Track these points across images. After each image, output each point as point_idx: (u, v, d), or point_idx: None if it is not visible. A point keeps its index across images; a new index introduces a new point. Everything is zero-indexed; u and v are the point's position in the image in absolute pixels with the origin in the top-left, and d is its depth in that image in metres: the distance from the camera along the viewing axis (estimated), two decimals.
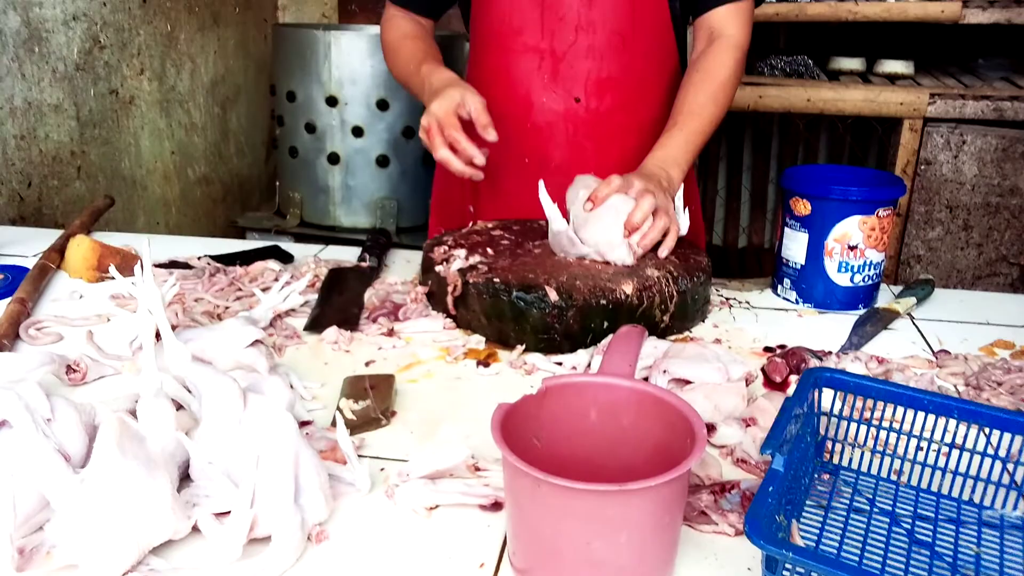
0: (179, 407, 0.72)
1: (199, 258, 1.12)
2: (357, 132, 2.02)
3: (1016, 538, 0.61)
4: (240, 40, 2.35)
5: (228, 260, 1.13)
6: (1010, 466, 0.63)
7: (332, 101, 2.00)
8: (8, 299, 0.97)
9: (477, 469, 0.68)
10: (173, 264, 1.11)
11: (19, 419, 0.60)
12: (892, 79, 2.21)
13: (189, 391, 0.71)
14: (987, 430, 0.64)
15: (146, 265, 0.71)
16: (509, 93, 1.19)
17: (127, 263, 1.08)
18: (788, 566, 0.50)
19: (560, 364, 0.88)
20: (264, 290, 1.00)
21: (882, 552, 0.59)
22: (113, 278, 0.88)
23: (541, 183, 1.00)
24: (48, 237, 1.21)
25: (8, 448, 0.60)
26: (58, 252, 1.11)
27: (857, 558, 0.58)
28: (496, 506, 0.63)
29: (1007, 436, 0.63)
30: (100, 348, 0.84)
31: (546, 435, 0.59)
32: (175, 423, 0.63)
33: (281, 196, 2.24)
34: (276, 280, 1.02)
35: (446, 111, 1.06)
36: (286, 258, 1.16)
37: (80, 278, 1.08)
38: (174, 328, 0.83)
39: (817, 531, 0.60)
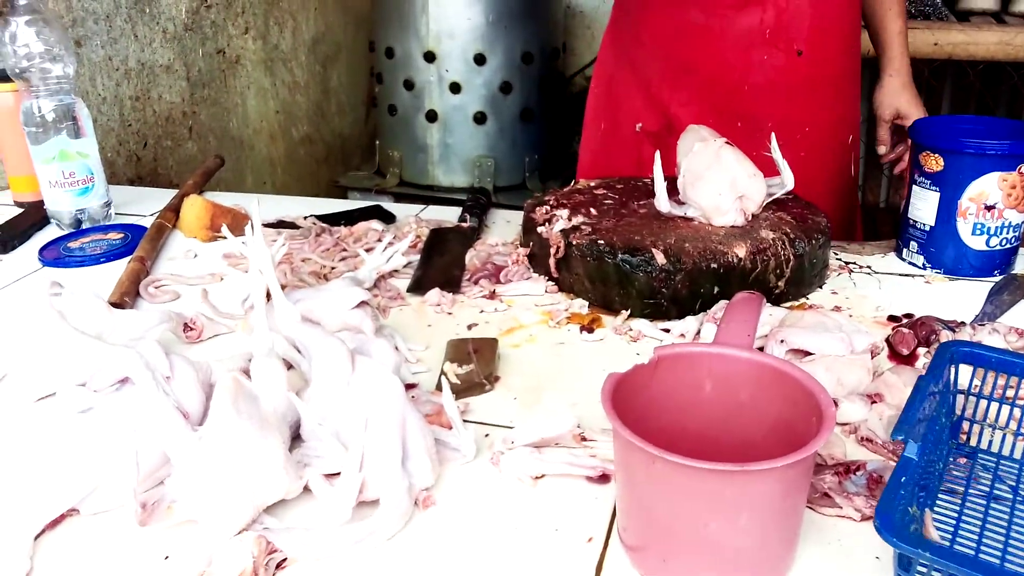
0: (289, 367, 0.73)
1: (305, 218, 1.14)
2: (455, 88, 2.01)
3: None
4: None
5: (333, 220, 1.14)
6: None
7: (430, 56, 1.99)
8: (128, 258, 1.00)
9: (583, 439, 0.66)
10: (281, 224, 1.13)
11: (141, 377, 0.61)
12: None
13: (299, 351, 0.72)
14: None
15: (256, 225, 0.72)
16: (723, 53, 1.14)
17: (238, 223, 1.10)
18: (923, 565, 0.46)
19: (667, 331, 0.85)
20: (368, 250, 1.00)
21: None
22: (225, 237, 0.90)
23: (656, 154, 0.96)
24: (163, 197, 1.25)
25: (131, 405, 0.62)
26: (173, 212, 1.15)
27: (1000, 553, 0.53)
28: (604, 478, 0.62)
29: None
30: (214, 307, 0.86)
31: (658, 407, 0.57)
32: (286, 383, 0.64)
33: (381, 155, 2.26)
34: (379, 241, 1.03)
35: None
36: (388, 218, 1.16)
37: (194, 237, 1.11)
38: (283, 288, 0.85)
39: (953, 522, 0.56)
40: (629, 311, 0.88)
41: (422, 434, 0.61)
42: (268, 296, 0.75)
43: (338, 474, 0.59)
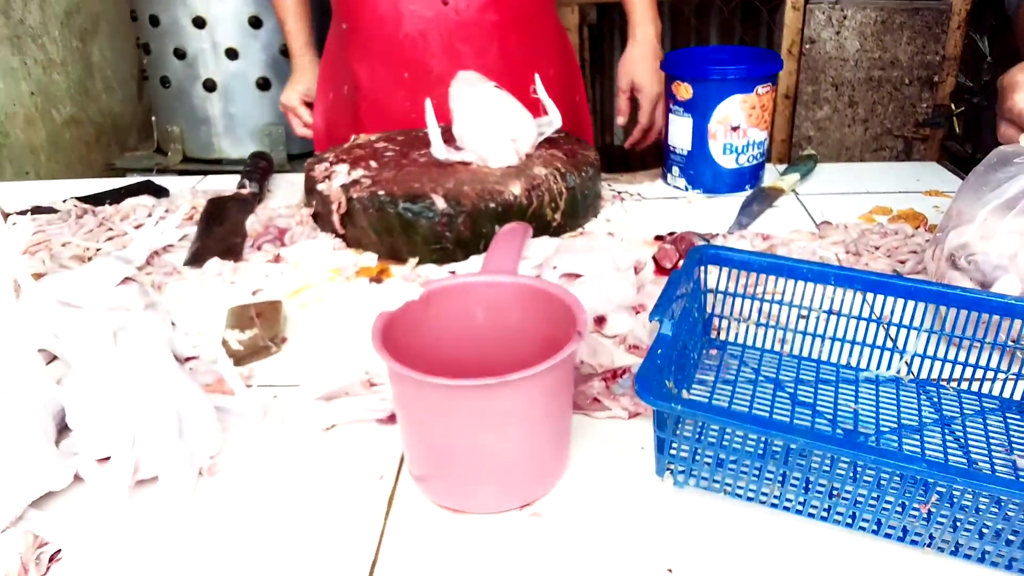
0: (53, 358, 0.68)
1: (64, 201, 1.05)
2: (231, 54, 1.91)
3: (890, 393, 0.64)
4: None
5: (98, 201, 1.06)
6: (884, 326, 0.66)
7: (200, 22, 1.88)
8: None
9: (372, 385, 0.67)
10: (35, 210, 1.03)
11: None
12: None
13: (59, 338, 0.67)
14: (864, 294, 0.67)
15: None
16: (376, 7, 1.14)
17: None
18: (675, 437, 0.51)
19: (454, 273, 0.86)
20: (137, 227, 0.95)
21: (767, 412, 0.62)
22: None
23: (428, 102, 0.96)
24: None
25: None
26: None
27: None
28: (392, 419, 0.63)
29: (880, 298, 0.66)
30: None
31: (434, 340, 0.59)
32: (44, 372, 0.60)
33: (159, 132, 2.12)
34: (150, 216, 0.97)
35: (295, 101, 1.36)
36: (161, 193, 1.10)
37: None
38: (40, 276, 0.78)
39: (706, 399, 0.62)
40: (417, 258, 0.89)
41: (199, 403, 0.59)
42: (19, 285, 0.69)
43: (110, 458, 0.56)
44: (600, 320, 0.72)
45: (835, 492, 0.51)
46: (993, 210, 0.70)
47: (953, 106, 2.14)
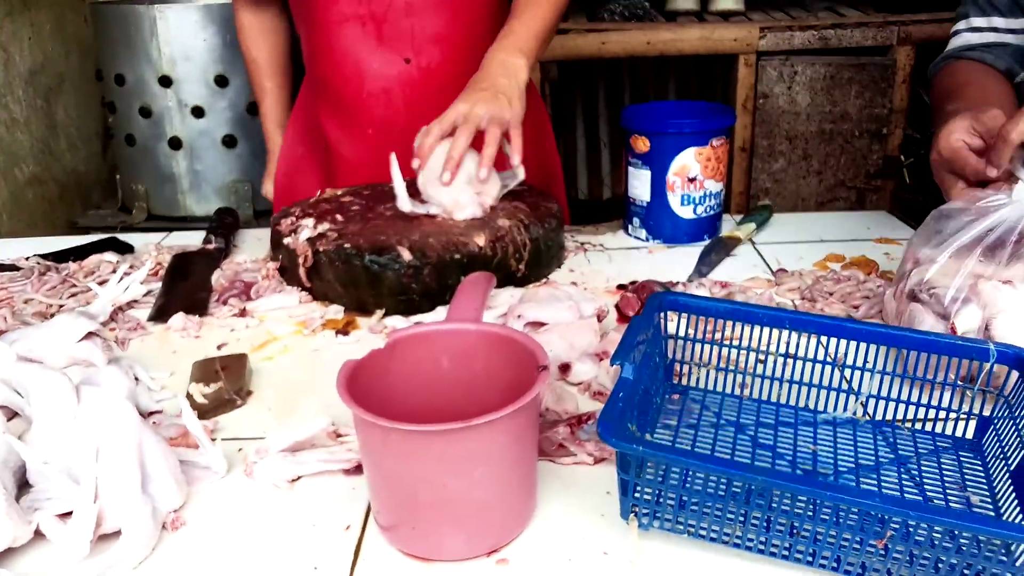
0: (14, 415, 0.67)
1: (27, 259, 1.05)
2: (197, 112, 1.93)
3: (847, 434, 0.66)
4: (56, 23, 2.18)
5: (61, 258, 1.06)
6: (839, 368, 0.68)
7: (166, 81, 1.90)
8: None
9: (339, 435, 0.67)
10: None
11: None
12: (725, 16, 2.29)
13: (20, 394, 0.66)
14: (819, 337, 0.69)
15: None
16: (340, 65, 1.16)
17: None
18: (639, 479, 0.52)
19: (420, 324, 0.87)
20: (102, 283, 0.94)
21: (729, 454, 0.63)
22: None
23: (393, 157, 0.98)
24: None
25: None
26: None
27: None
28: (359, 469, 0.63)
29: (835, 341, 0.68)
30: None
31: (400, 389, 0.59)
32: (3, 427, 0.59)
33: (124, 189, 2.11)
34: (114, 272, 0.97)
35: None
36: (125, 249, 1.10)
37: None
38: (1, 332, 0.78)
39: (670, 442, 0.63)
40: (383, 310, 0.90)
41: (163, 456, 0.59)
42: None
43: (72, 513, 0.56)
44: (565, 367, 0.74)
45: (795, 530, 0.52)
46: (953, 255, 0.73)
47: (903, 157, 2.22)
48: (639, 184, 1.08)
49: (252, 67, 1.31)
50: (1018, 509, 0.56)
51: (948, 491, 0.60)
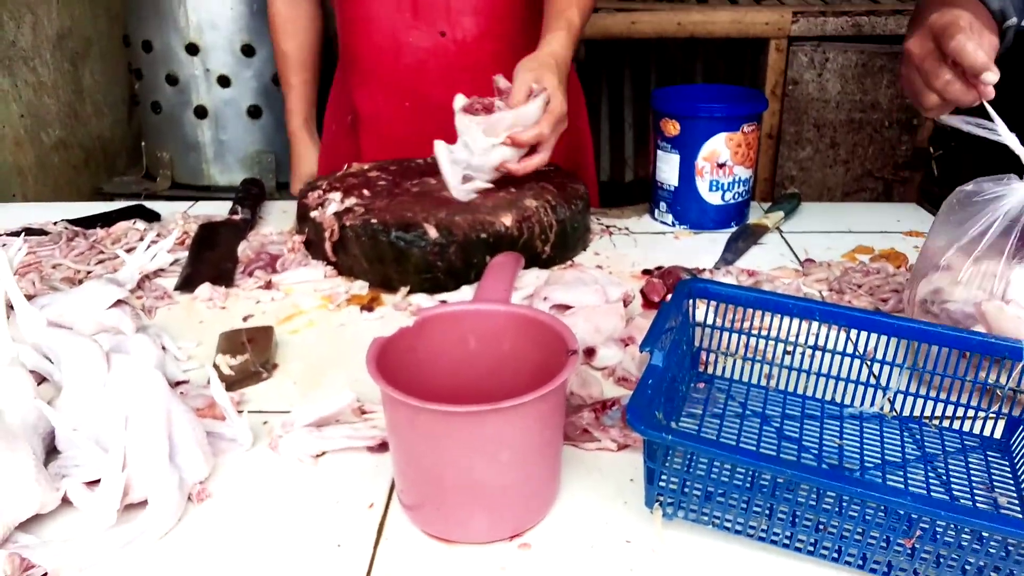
0: (43, 379, 0.68)
1: (55, 223, 1.05)
2: (223, 82, 1.92)
3: (874, 430, 0.65)
4: None
5: (89, 223, 1.06)
6: (867, 363, 0.67)
7: (193, 49, 1.89)
8: None
9: (363, 412, 0.67)
10: (27, 232, 1.03)
11: None
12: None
13: (49, 360, 0.67)
14: (848, 330, 0.68)
15: None
16: (376, 38, 1.16)
17: None
18: (665, 468, 0.52)
19: (445, 302, 0.87)
20: (129, 251, 0.95)
21: (755, 446, 0.62)
22: None
23: (437, 144, 0.95)
24: None
25: None
26: None
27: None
28: (383, 447, 0.63)
29: (863, 335, 0.67)
30: None
31: (427, 367, 0.59)
32: (34, 392, 0.60)
33: (149, 157, 2.12)
34: (141, 240, 0.97)
35: None
36: (152, 217, 1.10)
37: None
38: (30, 297, 0.78)
39: (695, 431, 0.63)
40: (408, 287, 0.90)
41: (190, 427, 0.59)
42: (11, 307, 0.69)
43: (100, 481, 0.56)
44: (590, 352, 0.73)
45: (821, 526, 0.51)
46: (957, 252, 0.71)
47: (932, 149, 2.19)
48: (667, 168, 1.07)
49: (281, 59, 1.29)
50: None
51: (975, 491, 0.59)
